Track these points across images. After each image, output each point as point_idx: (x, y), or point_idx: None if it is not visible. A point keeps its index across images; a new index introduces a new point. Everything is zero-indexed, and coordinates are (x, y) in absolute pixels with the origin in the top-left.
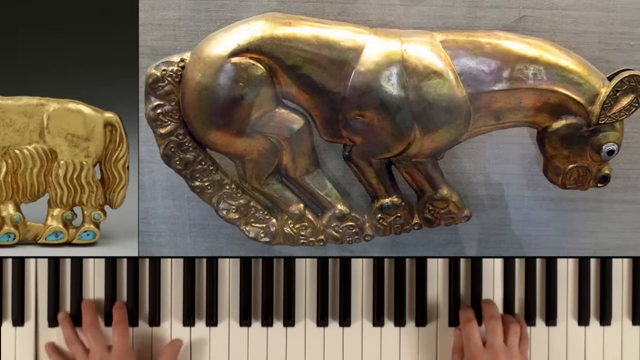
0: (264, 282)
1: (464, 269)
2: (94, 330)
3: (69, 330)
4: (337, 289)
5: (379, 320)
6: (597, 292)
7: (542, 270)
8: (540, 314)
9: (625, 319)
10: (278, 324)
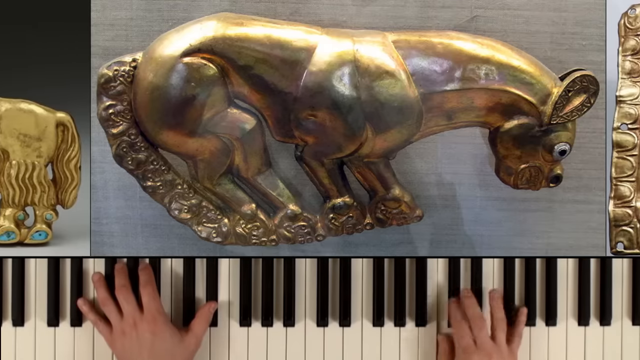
0: (264, 282)
1: (464, 269)
2: (125, 292)
3: (103, 292)
4: (337, 289)
5: (379, 320)
6: (597, 292)
7: (542, 270)
8: (540, 314)
9: (625, 319)
10: (278, 324)
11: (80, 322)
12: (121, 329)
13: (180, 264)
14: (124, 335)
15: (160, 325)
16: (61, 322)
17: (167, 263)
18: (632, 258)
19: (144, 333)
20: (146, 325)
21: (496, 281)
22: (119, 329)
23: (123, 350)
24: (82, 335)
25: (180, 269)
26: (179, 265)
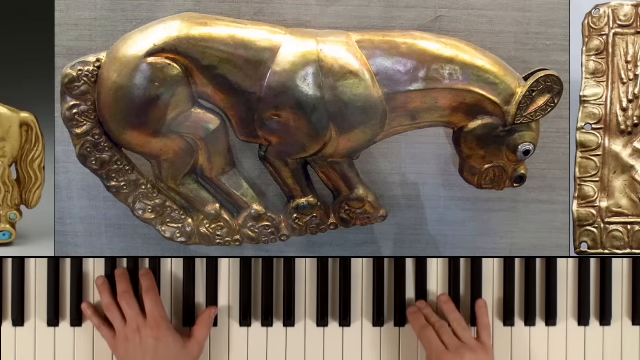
0: (264, 282)
1: (464, 269)
2: (128, 297)
3: (107, 298)
4: (337, 289)
5: (379, 320)
6: (597, 292)
7: (542, 270)
8: (540, 314)
9: (625, 319)
10: (278, 324)
11: (80, 322)
12: (124, 334)
13: (180, 264)
14: (127, 340)
15: (164, 331)
16: (61, 322)
17: (167, 263)
18: (633, 258)
19: (147, 339)
20: (149, 331)
21: (496, 281)
22: (122, 334)
23: (126, 355)
24: (82, 335)
25: (180, 269)
26: (179, 265)
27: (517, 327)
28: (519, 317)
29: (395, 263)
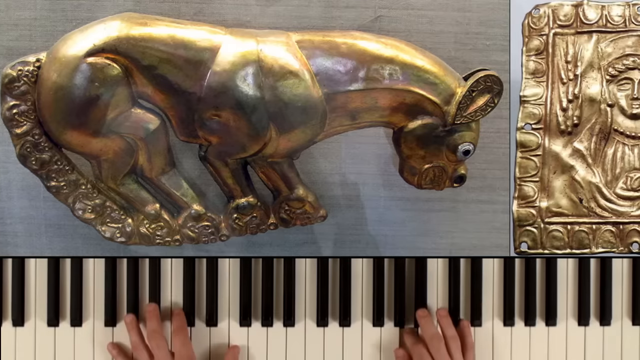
0: (264, 282)
1: (464, 269)
2: (158, 337)
3: (135, 336)
4: (337, 289)
5: (379, 320)
6: (597, 292)
7: (542, 270)
8: (540, 314)
9: (625, 319)
10: (278, 324)
11: (81, 322)
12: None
13: (180, 264)
14: None
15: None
16: (61, 322)
17: (167, 263)
18: (633, 258)
19: None
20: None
21: (496, 281)
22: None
23: None
24: (82, 335)
25: (181, 269)
26: (179, 265)
27: (517, 327)
28: (519, 317)
29: (395, 263)
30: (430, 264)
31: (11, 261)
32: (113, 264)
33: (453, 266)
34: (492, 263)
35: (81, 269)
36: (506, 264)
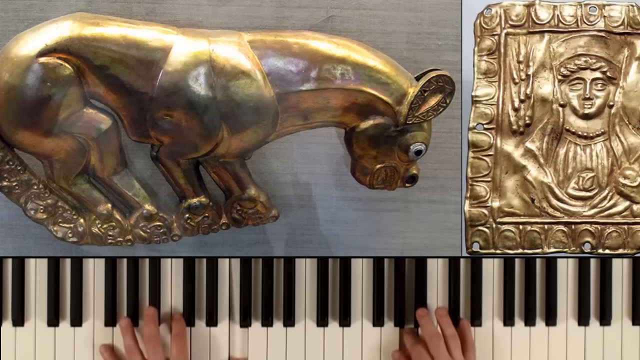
0: (264, 282)
1: (464, 269)
2: (154, 342)
3: (130, 340)
4: (337, 289)
5: (379, 320)
6: (597, 292)
7: (542, 270)
8: (540, 314)
9: (625, 319)
10: (278, 324)
11: (81, 322)
12: None
13: (180, 264)
14: None
15: None
16: (61, 322)
17: (167, 263)
18: (633, 258)
19: None
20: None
21: (496, 281)
22: None
23: None
24: (82, 335)
25: (181, 268)
26: (179, 266)
27: (517, 327)
28: (519, 317)
29: (395, 263)
30: (430, 264)
31: (11, 261)
32: (113, 264)
33: (453, 266)
34: (492, 263)
35: (81, 269)
36: (506, 265)
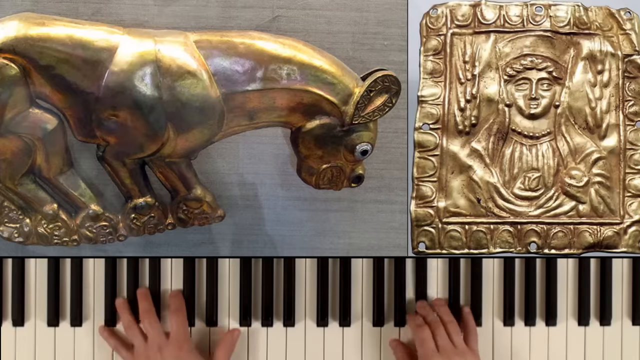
0: (264, 282)
1: (464, 269)
2: (150, 317)
3: (127, 317)
4: (337, 289)
5: (378, 320)
6: (597, 292)
7: (542, 270)
8: (540, 314)
9: (625, 319)
10: (278, 324)
11: (81, 322)
12: (145, 354)
13: (180, 264)
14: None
15: (186, 353)
16: (61, 322)
17: (167, 263)
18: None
19: (169, 358)
20: (172, 351)
21: (496, 281)
22: (142, 353)
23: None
24: (82, 335)
25: (181, 268)
26: (179, 265)
27: (517, 327)
28: (519, 317)
29: (395, 263)
30: (430, 264)
31: (11, 261)
32: (113, 264)
33: (453, 266)
34: (492, 263)
35: (81, 269)
36: (506, 265)
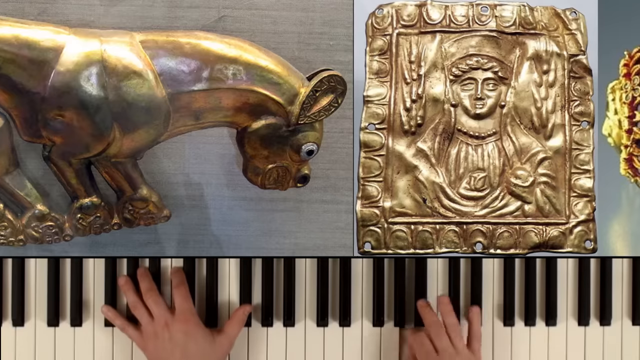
0: (264, 282)
1: (464, 269)
2: (154, 294)
3: (132, 296)
4: (337, 289)
5: (379, 320)
6: (597, 292)
7: (542, 270)
8: (540, 314)
9: (625, 319)
10: (278, 324)
11: (81, 322)
12: (153, 331)
13: (180, 264)
14: (157, 336)
15: (193, 326)
16: (61, 322)
17: (167, 263)
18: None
19: (177, 333)
20: (179, 326)
21: (496, 281)
22: (150, 331)
23: (155, 351)
24: (82, 335)
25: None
26: (179, 265)
27: (517, 327)
28: (519, 317)
29: (395, 263)
30: (430, 264)
31: (11, 261)
32: (113, 264)
33: (453, 266)
34: (492, 263)
35: (81, 269)
36: (506, 265)
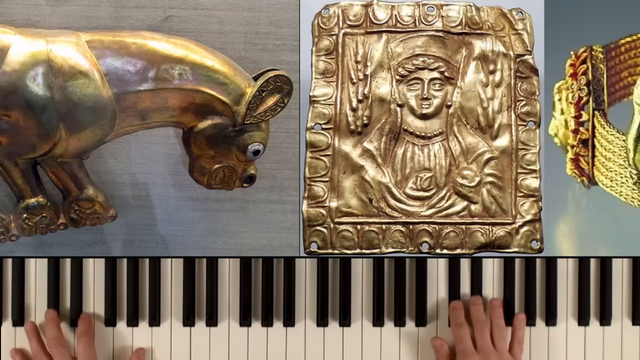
0: (264, 282)
1: (464, 268)
2: (57, 345)
3: (36, 344)
4: (337, 289)
5: (379, 320)
6: (597, 292)
7: (542, 270)
8: (540, 314)
9: (625, 319)
10: (278, 324)
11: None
12: None
13: (180, 264)
14: None
15: None
16: (61, 322)
17: (167, 263)
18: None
19: None
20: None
21: (496, 281)
22: None
23: None
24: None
25: (180, 268)
26: (179, 265)
27: None
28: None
29: (395, 263)
30: (430, 263)
31: (11, 261)
32: (113, 264)
33: (453, 266)
34: (492, 263)
35: (81, 269)
36: (506, 265)
